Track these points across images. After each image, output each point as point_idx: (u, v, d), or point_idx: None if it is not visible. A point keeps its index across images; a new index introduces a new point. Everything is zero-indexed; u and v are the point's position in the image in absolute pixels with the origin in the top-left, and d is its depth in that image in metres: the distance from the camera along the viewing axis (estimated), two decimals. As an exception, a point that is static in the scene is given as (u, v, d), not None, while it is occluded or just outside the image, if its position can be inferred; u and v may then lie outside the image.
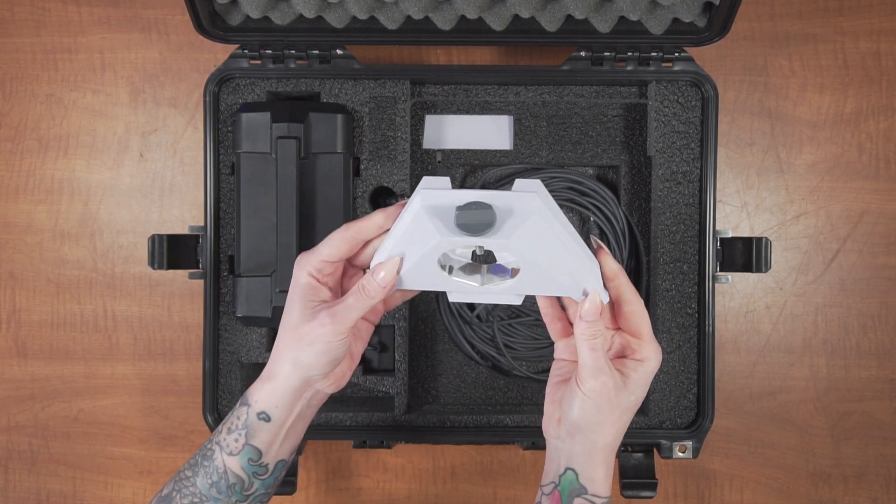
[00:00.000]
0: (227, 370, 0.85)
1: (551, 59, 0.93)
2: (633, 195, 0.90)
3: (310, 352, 0.64)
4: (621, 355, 0.66)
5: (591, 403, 0.63)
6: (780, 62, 0.94)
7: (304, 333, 0.64)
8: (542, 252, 0.60)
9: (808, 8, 0.94)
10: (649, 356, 0.65)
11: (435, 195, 0.60)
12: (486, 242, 0.59)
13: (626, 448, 0.86)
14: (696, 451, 0.85)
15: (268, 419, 0.65)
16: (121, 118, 0.95)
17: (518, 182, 0.61)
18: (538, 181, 0.62)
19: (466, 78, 0.88)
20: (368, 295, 0.63)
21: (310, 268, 0.64)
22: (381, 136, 0.85)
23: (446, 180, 0.61)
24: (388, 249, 0.63)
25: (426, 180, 0.62)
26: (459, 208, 0.58)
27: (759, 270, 0.84)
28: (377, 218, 0.64)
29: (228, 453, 0.65)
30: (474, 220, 0.58)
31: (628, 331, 0.65)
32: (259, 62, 0.85)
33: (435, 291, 0.90)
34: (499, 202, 0.59)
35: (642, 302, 0.65)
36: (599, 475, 0.64)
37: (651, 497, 0.86)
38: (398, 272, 0.62)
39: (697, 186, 0.85)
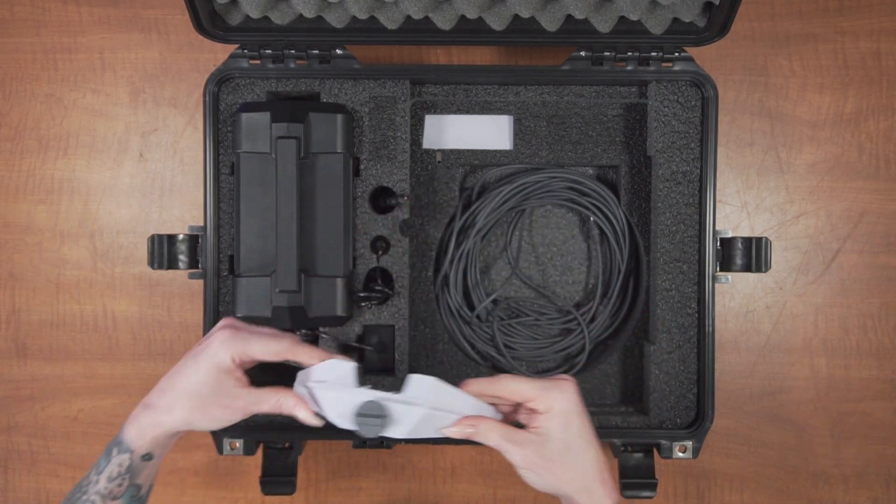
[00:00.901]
0: (227, 370, 0.85)
1: (551, 59, 0.93)
2: (633, 195, 0.90)
3: (208, 423, 0.70)
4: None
5: (526, 473, 0.68)
6: (780, 62, 0.94)
7: (208, 409, 0.69)
8: (419, 432, 0.69)
9: (808, 8, 0.94)
10: (549, 405, 0.68)
11: (334, 397, 0.69)
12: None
13: (625, 448, 0.86)
14: (696, 451, 0.85)
15: (151, 458, 0.71)
16: (121, 118, 0.95)
17: (413, 380, 0.69)
18: (432, 379, 0.69)
19: (466, 78, 0.88)
20: (282, 412, 0.71)
21: (233, 353, 0.70)
22: (381, 136, 0.85)
23: (352, 369, 0.70)
24: (309, 396, 0.71)
25: (327, 366, 0.71)
26: (358, 415, 0.68)
27: (759, 270, 0.84)
28: (314, 357, 0.71)
29: (112, 498, 0.70)
30: (368, 431, 0.68)
31: (519, 402, 0.69)
32: (259, 62, 0.85)
33: (435, 289, 0.91)
34: (390, 412, 0.68)
35: (501, 378, 0.69)
36: None
37: (651, 497, 0.86)
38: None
39: (697, 186, 0.85)
